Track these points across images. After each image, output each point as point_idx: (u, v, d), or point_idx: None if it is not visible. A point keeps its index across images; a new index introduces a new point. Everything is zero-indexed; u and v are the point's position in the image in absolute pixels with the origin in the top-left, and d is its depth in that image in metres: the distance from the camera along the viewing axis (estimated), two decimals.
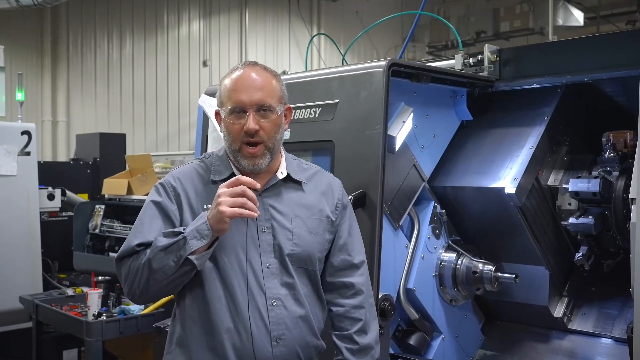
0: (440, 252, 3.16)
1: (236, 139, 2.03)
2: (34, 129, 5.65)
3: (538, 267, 3.13)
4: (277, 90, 2.09)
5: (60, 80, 10.40)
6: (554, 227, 3.14)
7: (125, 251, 2.01)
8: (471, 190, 3.09)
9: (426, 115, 3.10)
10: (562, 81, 3.00)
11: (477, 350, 3.37)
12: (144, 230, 2.01)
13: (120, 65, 11.10)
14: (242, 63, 2.12)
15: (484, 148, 3.21)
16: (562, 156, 3.19)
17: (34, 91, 10.18)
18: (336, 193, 2.24)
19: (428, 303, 3.09)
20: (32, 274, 5.54)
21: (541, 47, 3.16)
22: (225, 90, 2.06)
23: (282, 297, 2.04)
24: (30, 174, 5.61)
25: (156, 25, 11.66)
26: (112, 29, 11.07)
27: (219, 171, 2.11)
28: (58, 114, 10.38)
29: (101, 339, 3.90)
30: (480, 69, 3.18)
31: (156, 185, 2.12)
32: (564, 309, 3.20)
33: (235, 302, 1.99)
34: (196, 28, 12.31)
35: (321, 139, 2.82)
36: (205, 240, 1.89)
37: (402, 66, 2.73)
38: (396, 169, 2.94)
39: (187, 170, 2.14)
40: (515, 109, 3.24)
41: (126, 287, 2.01)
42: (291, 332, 2.04)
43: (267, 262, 2.04)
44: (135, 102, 11.31)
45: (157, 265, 1.91)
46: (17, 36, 9.93)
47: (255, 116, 2.01)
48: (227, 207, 1.85)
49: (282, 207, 2.10)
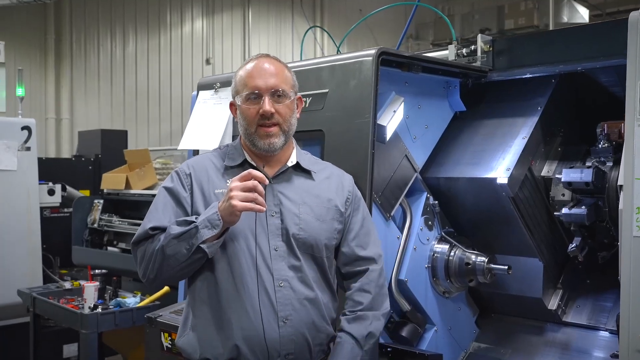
0: (433, 244, 3.15)
1: (252, 122, 2.13)
2: (34, 125, 5.67)
3: (532, 259, 3.11)
4: (289, 78, 2.20)
5: (64, 78, 10.42)
6: (548, 218, 3.12)
7: (140, 235, 2.10)
8: (464, 181, 3.08)
9: (418, 106, 3.08)
10: (556, 70, 2.98)
11: (471, 342, 3.35)
12: (158, 215, 2.11)
13: (123, 63, 11.12)
14: (255, 55, 2.23)
15: (478, 139, 3.19)
16: (556, 147, 3.17)
17: (37, 89, 10.21)
18: (346, 186, 2.31)
19: (420, 295, 3.08)
20: (32, 268, 5.55)
21: (534, 36, 3.16)
22: (240, 79, 2.17)
23: (289, 278, 2.09)
24: (31, 169, 5.62)
25: (159, 23, 11.68)
26: (115, 27, 11.09)
27: (232, 158, 2.21)
28: (62, 112, 10.41)
29: (96, 331, 3.90)
30: (473, 59, 3.16)
31: (171, 173, 2.22)
32: (559, 301, 3.18)
33: (243, 283, 2.05)
34: (199, 26, 12.32)
35: (311, 129, 2.80)
36: (216, 230, 1.98)
37: (392, 55, 2.71)
38: (387, 159, 2.92)
39: (202, 159, 2.26)
40: (509, 100, 3.22)
41: (141, 271, 2.10)
42: (298, 313, 2.08)
43: (275, 245, 2.10)
44: (138, 100, 11.33)
45: (170, 252, 2.00)
46: (20, 34, 9.96)
47: (270, 100, 2.11)
48: (238, 201, 1.93)
49: (291, 194, 2.17)
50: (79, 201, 5.41)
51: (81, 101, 10.67)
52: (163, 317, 3.06)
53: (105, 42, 10.99)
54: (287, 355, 2.06)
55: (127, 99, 11.19)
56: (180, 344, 2.15)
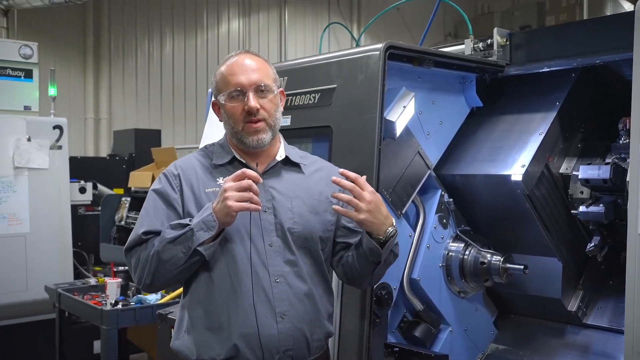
0: (448, 242, 3.08)
1: (238, 120, 2.10)
2: (66, 124, 5.78)
3: (550, 259, 3.01)
4: (271, 73, 2.17)
5: (103, 79, 10.63)
6: (567, 217, 3.02)
7: (133, 240, 2.08)
8: (480, 179, 3.00)
9: (432, 101, 3.02)
10: (573, 64, 2.88)
11: (488, 344, 3.27)
12: (149, 219, 2.09)
13: (160, 64, 11.28)
14: (234, 53, 2.20)
15: (495, 135, 3.11)
16: (576, 143, 3.07)
17: (77, 90, 10.44)
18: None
19: (434, 294, 3.01)
20: (63, 265, 5.66)
21: (553, 29, 3.05)
22: (222, 77, 2.14)
23: (285, 274, 2.07)
24: (62, 167, 5.73)
25: (196, 23, 11.81)
26: (152, 28, 11.26)
27: (220, 156, 2.18)
28: (100, 112, 10.62)
29: (116, 327, 3.95)
30: (490, 54, 3.08)
31: (159, 176, 2.20)
32: (579, 302, 3.07)
33: (239, 281, 2.03)
34: (235, 26, 12.42)
35: (319, 125, 2.78)
36: (212, 232, 1.96)
37: (400, 49, 2.66)
38: (399, 156, 2.87)
39: (189, 159, 2.23)
40: (527, 95, 3.13)
41: (136, 277, 2.08)
42: (295, 308, 2.06)
43: (269, 241, 2.07)
44: (175, 100, 11.47)
45: (166, 256, 1.98)
46: (61, 36, 10.19)
47: (254, 96, 2.08)
48: (234, 201, 1.91)
49: (282, 188, 2.14)
50: (107, 199, 5.50)
51: (119, 101, 10.87)
52: (174, 314, 3.07)
53: (143, 43, 11.17)
54: (286, 351, 2.03)
55: (164, 98, 11.34)
56: (175, 347, 2.12)
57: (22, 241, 5.49)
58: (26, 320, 5.49)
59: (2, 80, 5.78)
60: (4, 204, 5.42)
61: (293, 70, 2.99)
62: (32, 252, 5.49)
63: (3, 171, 5.41)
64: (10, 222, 5.46)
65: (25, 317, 5.49)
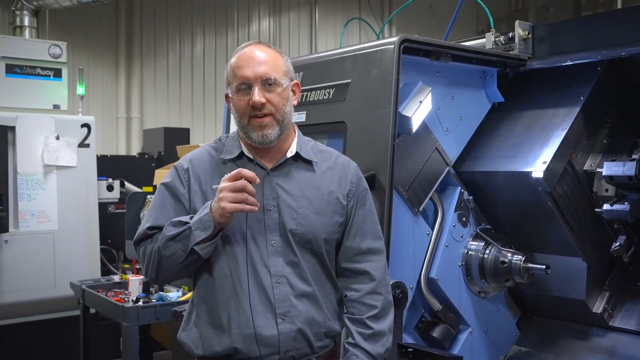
0: (468, 241, 3.01)
1: (244, 114, 2.04)
2: (93, 122, 5.82)
3: (574, 259, 2.92)
4: (281, 65, 2.08)
5: (134, 78, 10.72)
6: (592, 215, 2.92)
7: (139, 235, 2.08)
8: (500, 175, 2.92)
9: (451, 97, 2.95)
10: (598, 56, 2.78)
11: (511, 346, 3.20)
12: (156, 213, 2.07)
13: (191, 63, 11.33)
14: (245, 44, 2.13)
15: (517, 131, 3.03)
16: (601, 139, 2.96)
17: (110, 89, 10.55)
18: (350, 177, 2.17)
19: (453, 294, 2.95)
20: (90, 262, 5.71)
21: (577, 21, 2.95)
22: (230, 70, 2.09)
23: (286, 274, 2.02)
24: (89, 165, 5.78)
25: (227, 23, 11.84)
26: (183, 28, 11.32)
27: (229, 150, 2.13)
28: (132, 111, 10.72)
29: (137, 324, 3.95)
30: (512, 47, 2.99)
31: (171, 169, 2.17)
32: (605, 304, 2.98)
33: (240, 280, 1.99)
34: (266, 26, 12.41)
35: (333, 121, 2.73)
36: (208, 232, 1.92)
37: (416, 42, 2.59)
38: (416, 152, 2.81)
39: (200, 152, 2.18)
40: (551, 89, 3.04)
41: (144, 270, 2.09)
42: (297, 309, 2.01)
43: (272, 240, 2.02)
44: (206, 98, 11.51)
45: (167, 253, 1.97)
46: (94, 36, 10.32)
47: (260, 90, 2.01)
48: (228, 202, 1.87)
49: (290, 187, 2.08)
50: (133, 197, 5.51)
51: (150, 100, 10.96)
52: None
53: (174, 42, 11.24)
54: (287, 352, 1.99)
55: (195, 97, 11.40)
56: (181, 338, 2.11)
57: (51, 238, 5.55)
58: (54, 317, 5.56)
59: (31, 79, 5.85)
60: (33, 201, 5.48)
61: (308, 66, 2.95)
62: (60, 249, 5.55)
63: (32, 169, 5.47)
64: (39, 219, 5.53)
65: (54, 313, 5.56)
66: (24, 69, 5.81)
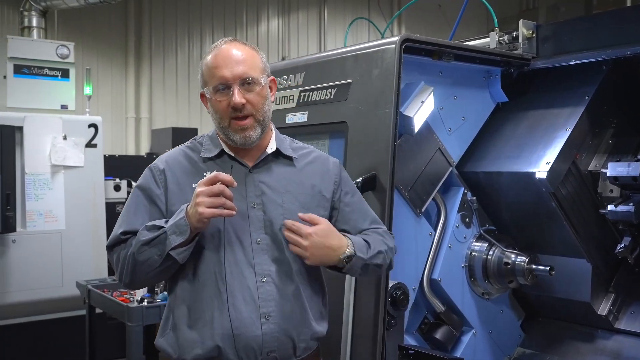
0: (471, 242, 2.99)
1: (224, 116, 1.99)
2: (101, 122, 5.83)
3: (579, 260, 2.89)
4: (258, 62, 2.04)
5: (143, 78, 10.77)
6: (596, 216, 2.89)
7: (112, 240, 2.01)
8: (504, 176, 2.90)
9: (454, 97, 2.93)
10: (602, 56, 2.75)
11: (515, 348, 3.17)
12: (130, 217, 2.00)
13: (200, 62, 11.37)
14: (220, 41, 2.08)
15: (521, 131, 3.00)
16: (606, 139, 2.93)
17: (119, 89, 10.60)
18: (333, 171, 2.15)
19: (456, 295, 2.93)
20: (97, 262, 5.72)
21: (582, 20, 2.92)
22: (207, 69, 2.02)
23: (272, 273, 1.98)
24: (97, 165, 5.79)
25: (235, 23, 11.87)
26: (192, 27, 11.36)
27: (209, 149, 2.08)
28: (141, 111, 10.76)
29: (142, 324, 3.95)
30: (515, 47, 2.97)
31: (145, 170, 2.10)
32: (610, 306, 2.95)
33: (223, 279, 1.95)
34: (275, 25, 12.43)
35: (334, 121, 2.71)
36: (184, 237, 1.87)
37: (417, 42, 2.57)
38: (418, 153, 2.80)
39: (175, 152, 2.12)
40: (555, 89, 3.01)
41: (117, 275, 2.02)
42: (282, 309, 1.97)
43: (257, 238, 1.98)
44: None
45: (142, 258, 1.91)
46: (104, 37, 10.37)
47: (240, 90, 1.96)
48: (205, 208, 1.82)
49: (273, 183, 2.04)
50: None
51: (159, 100, 11.00)
52: None
53: (183, 42, 11.28)
54: (270, 352, 1.95)
55: None
56: (159, 344, 2.04)
57: (58, 238, 5.57)
58: (61, 316, 5.57)
59: (39, 79, 5.86)
60: (40, 201, 5.50)
61: (310, 66, 2.93)
62: (67, 248, 5.56)
63: (40, 169, 5.49)
64: (47, 218, 5.54)
65: (61, 312, 5.57)
66: (32, 69, 5.83)
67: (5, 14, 9.49)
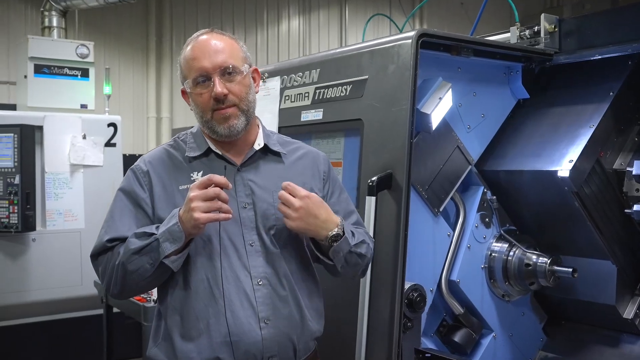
0: (491, 242, 2.91)
1: (206, 108, 1.91)
2: (120, 121, 5.83)
3: (603, 262, 2.80)
4: (238, 51, 1.97)
5: (164, 78, 10.81)
6: (621, 216, 2.79)
7: (97, 248, 1.94)
8: (525, 175, 2.81)
9: (473, 93, 2.85)
10: (629, 50, 2.65)
11: (537, 351, 3.08)
12: (115, 223, 1.93)
13: None
14: (197, 33, 2.02)
15: (543, 128, 2.91)
16: (632, 137, 2.83)
17: (140, 89, 10.65)
18: (321, 166, 2.11)
19: (475, 297, 2.85)
20: None
21: (606, 13, 2.82)
22: (185, 63, 1.95)
23: (268, 275, 1.92)
24: (116, 164, 5.79)
25: (256, 22, 11.86)
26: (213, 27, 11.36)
27: (193, 148, 2.00)
28: (162, 110, 10.79)
29: None
30: (537, 42, 2.88)
31: (127, 172, 2.03)
32: (636, 309, 2.84)
33: (218, 284, 1.87)
34: (296, 24, 12.39)
35: (350, 118, 2.65)
36: (178, 243, 1.80)
37: (434, 37, 2.50)
38: (436, 151, 2.72)
39: (158, 152, 2.04)
40: (579, 85, 2.91)
41: (104, 285, 1.94)
42: (280, 311, 1.91)
43: (250, 240, 1.92)
44: None
45: (132, 267, 1.83)
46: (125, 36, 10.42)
47: (221, 80, 1.90)
48: (201, 213, 1.75)
49: (262, 181, 1.98)
50: None
51: (180, 100, 10.95)
52: None
53: None
54: (270, 357, 1.88)
55: None
56: (152, 355, 1.94)
57: (77, 237, 5.58)
58: (80, 315, 5.59)
59: (59, 79, 5.89)
60: (60, 200, 5.52)
61: (325, 62, 2.88)
62: (86, 247, 5.53)
63: (59, 168, 5.51)
64: (66, 218, 5.56)
65: (80, 311, 5.59)
66: (52, 69, 5.85)
67: (28, 14, 9.57)
